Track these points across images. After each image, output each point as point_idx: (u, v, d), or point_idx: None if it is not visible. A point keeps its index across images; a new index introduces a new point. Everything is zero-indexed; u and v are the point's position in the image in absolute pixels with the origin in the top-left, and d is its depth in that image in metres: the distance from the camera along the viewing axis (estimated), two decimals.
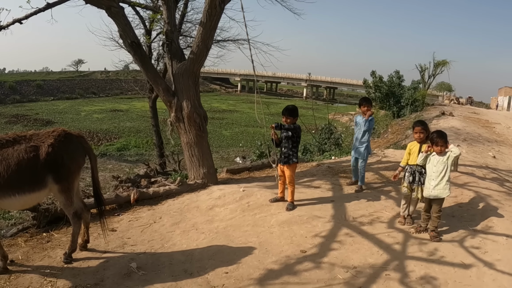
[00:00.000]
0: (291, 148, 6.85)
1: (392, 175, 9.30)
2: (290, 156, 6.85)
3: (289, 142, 6.84)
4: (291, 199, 6.91)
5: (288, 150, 6.85)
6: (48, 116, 47.76)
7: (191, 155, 8.42)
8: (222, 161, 28.57)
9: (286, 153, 6.86)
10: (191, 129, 8.19)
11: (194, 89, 8.23)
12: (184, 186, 8.17)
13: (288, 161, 6.87)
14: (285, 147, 6.87)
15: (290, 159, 6.87)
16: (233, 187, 8.09)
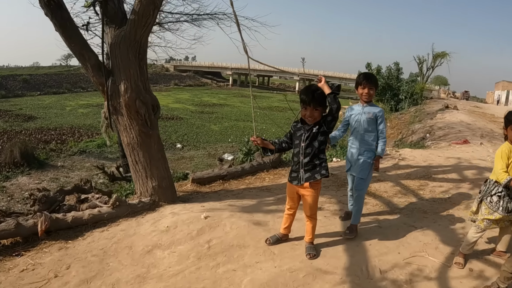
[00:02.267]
0: (317, 153, 3.87)
1: (418, 186, 6.84)
2: (317, 167, 3.89)
3: (314, 144, 3.85)
4: (311, 238, 4.17)
5: (313, 158, 3.87)
6: (32, 111, 44.81)
7: (134, 161, 5.68)
8: (209, 158, 25.83)
9: (309, 163, 3.87)
10: (133, 124, 5.44)
11: (138, 65, 5.46)
12: (122, 208, 5.42)
13: (312, 176, 3.88)
14: (305, 154, 3.86)
15: (317, 172, 3.89)
16: (194, 209, 5.35)
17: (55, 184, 19.50)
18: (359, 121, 4.45)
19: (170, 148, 27.91)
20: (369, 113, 4.42)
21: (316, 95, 3.75)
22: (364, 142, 4.45)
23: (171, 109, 44.22)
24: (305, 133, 3.86)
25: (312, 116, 3.79)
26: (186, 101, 52.43)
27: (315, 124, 3.84)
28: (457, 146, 10.71)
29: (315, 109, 3.76)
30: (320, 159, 3.90)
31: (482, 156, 9.16)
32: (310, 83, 4.27)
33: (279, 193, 6.29)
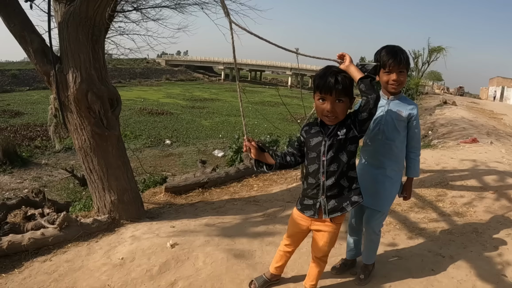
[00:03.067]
0: (345, 170, 2.61)
1: (436, 196, 5.52)
2: (345, 192, 2.63)
3: (341, 157, 2.58)
4: (314, 285, 2.94)
5: (340, 178, 2.60)
6: (19, 107, 43.27)
7: (88, 169, 4.49)
8: (199, 154, 24.66)
9: (335, 186, 2.60)
10: (84, 124, 4.25)
11: (91, 49, 4.27)
12: (72, 230, 4.24)
13: (339, 206, 2.62)
14: (328, 173, 2.59)
15: (345, 200, 2.63)
16: (160, 231, 4.18)
17: (38, 183, 18.30)
18: (382, 123, 2.94)
19: (159, 145, 26.72)
20: (398, 112, 2.93)
21: (341, 79, 2.44)
22: (388, 156, 2.97)
23: (161, 104, 42.87)
24: (325, 140, 2.54)
25: (333, 112, 2.46)
26: (177, 96, 51.03)
27: (340, 126, 2.54)
28: (466, 145, 9.66)
29: (338, 101, 2.45)
30: (350, 179, 2.61)
31: (497, 157, 8.11)
32: (303, 78, 2.98)
33: (269, 206, 5.13)
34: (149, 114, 35.79)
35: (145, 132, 29.36)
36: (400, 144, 2.98)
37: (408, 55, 2.96)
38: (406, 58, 2.89)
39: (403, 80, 2.89)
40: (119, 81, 63.21)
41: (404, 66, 2.86)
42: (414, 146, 3.03)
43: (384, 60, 2.84)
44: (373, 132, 3.01)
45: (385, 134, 2.94)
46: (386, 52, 2.85)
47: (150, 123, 32.19)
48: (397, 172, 3.04)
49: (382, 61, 2.84)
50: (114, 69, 70.17)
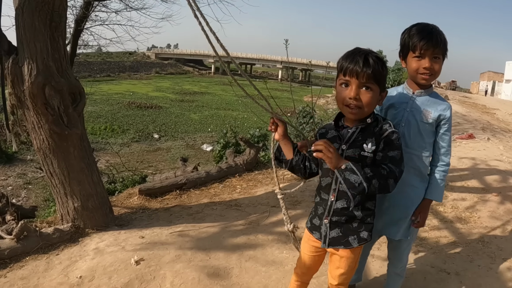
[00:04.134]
0: (363, 198, 2.05)
1: (453, 206, 4.86)
2: (354, 223, 2.09)
3: (359, 173, 1.86)
4: None
5: (354, 206, 2.05)
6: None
7: (49, 172, 3.99)
8: (188, 148, 24.20)
9: (344, 212, 2.06)
10: (41, 122, 3.74)
11: (49, 38, 3.75)
12: (31, 241, 3.75)
13: (344, 237, 2.10)
14: (339, 194, 2.05)
15: (353, 233, 2.10)
16: (127, 243, 3.71)
17: (22, 180, 17.74)
18: (402, 125, 2.31)
19: (147, 139, 26.17)
20: (425, 112, 2.29)
21: (372, 61, 1.89)
22: (412, 168, 2.32)
23: (150, 97, 42.14)
24: (342, 149, 2.02)
25: (357, 100, 1.91)
26: (167, 90, 50.27)
27: (365, 135, 1.99)
28: (463, 141, 9.28)
29: (365, 87, 1.91)
30: (366, 210, 2.08)
31: (496, 155, 7.74)
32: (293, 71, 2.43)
33: (251, 212, 4.67)
34: (137, 108, 35.15)
35: (133, 126, 28.77)
36: (424, 153, 2.33)
37: (446, 39, 2.23)
38: (444, 40, 2.20)
39: (438, 69, 2.22)
40: (108, 75, 62.33)
41: (440, 51, 2.18)
42: (441, 159, 2.34)
43: (414, 41, 2.17)
44: None
45: (405, 140, 2.28)
46: (418, 31, 2.18)
47: (139, 117, 31.56)
48: (420, 188, 2.39)
49: (412, 42, 2.19)
50: (103, 62, 69.21)
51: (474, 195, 5.21)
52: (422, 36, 2.15)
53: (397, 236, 2.41)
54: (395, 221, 2.39)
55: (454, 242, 3.97)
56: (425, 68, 2.18)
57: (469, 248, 3.82)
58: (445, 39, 2.21)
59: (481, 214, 4.66)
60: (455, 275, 3.30)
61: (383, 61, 1.94)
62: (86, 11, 8.26)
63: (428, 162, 2.36)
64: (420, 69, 2.20)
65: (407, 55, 2.25)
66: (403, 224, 2.39)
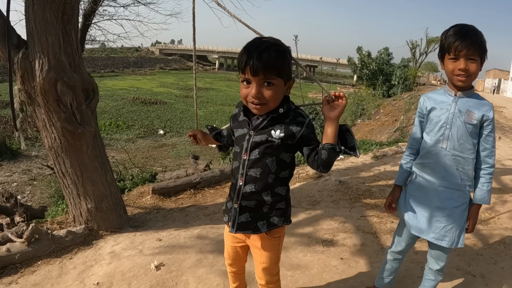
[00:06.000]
0: (272, 182, 1.93)
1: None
2: (264, 209, 1.97)
3: (267, 161, 1.89)
4: None
5: (263, 190, 1.93)
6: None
7: (61, 172, 3.80)
8: (192, 145, 23.96)
9: (252, 196, 1.95)
10: (53, 119, 3.55)
11: (61, 31, 3.54)
12: (43, 244, 3.58)
13: (252, 223, 1.99)
14: (247, 178, 1.94)
15: (262, 218, 1.98)
16: (144, 246, 3.52)
17: (27, 176, 17.58)
18: (447, 127, 2.20)
19: (152, 135, 26.00)
20: (469, 113, 2.17)
21: (269, 54, 1.73)
22: (453, 172, 2.23)
23: (154, 93, 41.97)
24: (250, 134, 1.92)
25: (261, 99, 1.79)
26: (171, 85, 50.05)
27: (275, 122, 1.88)
28: None
29: (268, 83, 1.77)
30: (276, 196, 1.97)
31: (509, 154, 7.56)
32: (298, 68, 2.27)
33: None
34: (142, 103, 34.97)
35: (138, 122, 28.59)
36: (470, 155, 2.21)
37: (484, 39, 2.12)
38: (480, 42, 2.08)
39: (474, 71, 2.10)
40: (112, 70, 62.13)
41: (476, 52, 2.07)
42: (486, 161, 2.22)
43: (449, 41, 2.10)
44: (435, 138, 2.25)
45: (452, 143, 2.19)
46: (454, 32, 2.11)
47: (143, 113, 31.38)
48: (464, 193, 2.26)
49: (447, 44, 2.12)
50: (107, 58, 69.08)
51: (492, 195, 5.04)
52: (457, 37, 2.08)
53: (440, 241, 2.29)
54: (445, 227, 2.28)
55: (476, 244, 3.87)
56: (460, 70, 2.09)
57: (492, 250, 3.74)
58: (482, 40, 2.10)
59: (501, 216, 4.58)
60: (480, 277, 3.19)
61: (282, 51, 1.79)
62: (95, 5, 8.06)
63: (473, 165, 2.23)
64: (456, 71, 2.12)
65: (444, 57, 2.17)
66: (446, 231, 2.27)
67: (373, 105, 24.27)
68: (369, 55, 29.34)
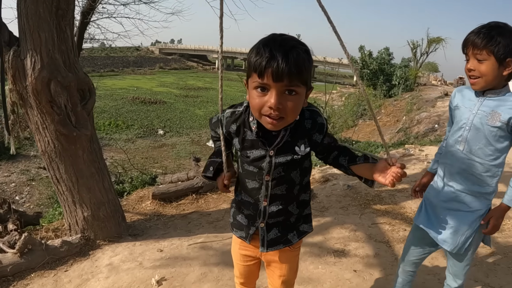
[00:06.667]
0: (297, 193, 1.73)
1: None
2: (291, 219, 1.77)
3: (292, 176, 1.67)
4: None
5: (288, 203, 1.73)
6: None
7: (55, 178, 3.55)
8: (193, 145, 23.79)
9: (279, 213, 1.72)
10: (46, 122, 3.29)
11: (55, 27, 3.29)
12: (36, 255, 3.34)
13: (283, 237, 1.78)
14: (272, 197, 1.68)
15: (293, 229, 1.79)
16: (144, 258, 3.27)
17: (25, 176, 17.33)
18: (466, 128, 1.99)
19: (151, 135, 25.75)
20: (493, 114, 1.91)
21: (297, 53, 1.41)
22: (467, 176, 2.02)
23: (154, 93, 41.68)
24: (271, 156, 1.62)
25: (280, 111, 1.44)
26: (171, 85, 49.78)
27: (296, 133, 1.61)
28: None
29: (289, 92, 1.44)
30: (302, 204, 1.79)
31: None
32: None
33: None
34: (142, 103, 34.70)
35: (138, 121, 28.34)
36: (490, 161, 1.95)
37: (507, 37, 1.82)
38: (493, 38, 1.80)
39: (484, 71, 1.84)
40: (111, 70, 61.85)
41: (487, 50, 1.80)
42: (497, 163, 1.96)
43: (468, 39, 1.89)
44: (454, 139, 2.05)
45: (468, 145, 1.98)
46: (473, 30, 1.89)
47: (143, 113, 31.11)
48: (483, 199, 2.03)
49: (467, 39, 1.90)
50: (107, 57, 68.73)
51: None
52: (470, 34, 1.89)
53: (456, 248, 2.06)
54: (450, 229, 2.08)
55: (492, 252, 3.64)
56: (468, 70, 1.91)
57: (508, 259, 3.52)
58: (498, 38, 1.81)
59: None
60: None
61: (309, 52, 1.48)
62: (93, 3, 7.79)
63: (495, 171, 1.99)
64: (466, 71, 1.93)
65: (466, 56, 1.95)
66: (459, 234, 2.05)
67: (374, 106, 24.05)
68: (370, 54, 29.14)
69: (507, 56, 1.80)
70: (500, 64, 1.82)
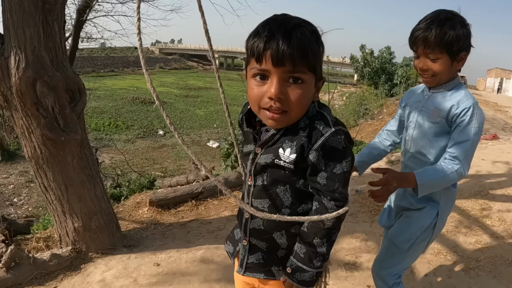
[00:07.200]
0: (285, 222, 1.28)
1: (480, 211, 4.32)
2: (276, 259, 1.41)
3: (279, 192, 1.32)
4: None
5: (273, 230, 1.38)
6: None
7: (43, 186, 3.27)
8: (193, 145, 23.52)
9: (262, 236, 1.40)
10: (32, 126, 3.02)
11: (42, 22, 3.02)
12: (23, 270, 3.08)
13: (262, 268, 1.44)
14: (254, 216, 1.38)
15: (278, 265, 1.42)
16: (139, 273, 3.00)
17: (24, 178, 17.07)
18: (412, 127, 1.91)
19: (151, 135, 25.51)
20: (434, 111, 1.79)
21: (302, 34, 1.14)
22: None
23: None
24: (256, 153, 1.36)
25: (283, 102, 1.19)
26: (171, 85, 49.53)
27: (287, 135, 1.28)
28: (489, 142, 8.53)
29: (294, 80, 1.18)
30: (293, 238, 1.38)
31: None
32: None
33: None
34: (142, 103, 34.43)
35: (138, 122, 28.09)
36: (434, 159, 1.82)
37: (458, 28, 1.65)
38: (445, 35, 1.64)
39: (437, 70, 1.71)
40: (112, 70, 61.65)
41: (440, 49, 1.66)
42: (451, 152, 1.71)
43: (412, 35, 1.75)
44: (403, 138, 1.99)
45: (415, 144, 1.90)
46: (419, 21, 1.73)
47: (143, 113, 30.84)
48: (429, 201, 1.88)
49: (411, 35, 1.76)
50: (107, 57, 68.47)
51: None
52: (418, 31, 1.71)
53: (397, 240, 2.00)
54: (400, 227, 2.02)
55: (511, 262, 3.35)
56: (420, 69, 1.78)
57: None
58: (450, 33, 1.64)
59: None
60: None
61: (317, 33, 1.22)
62: (89, 0, 7.53)
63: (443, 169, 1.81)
64: (417, 70, 1.81)
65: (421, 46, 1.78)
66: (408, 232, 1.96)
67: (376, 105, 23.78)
68: (372, 53, 28.88)
69: (460, 50, 1.67)
70: (453, 60, 1.70)
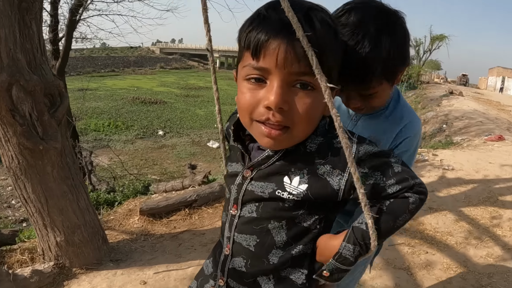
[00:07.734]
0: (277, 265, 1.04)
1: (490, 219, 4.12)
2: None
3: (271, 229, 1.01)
4: None
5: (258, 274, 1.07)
6: None
7: (23, 198, 3.04)
8: (193, 145, 23.28)
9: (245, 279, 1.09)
10: (8, 134, 2.79)
11: (18, 23, 2.78)
12: (3, 287, 2.87)
13: None
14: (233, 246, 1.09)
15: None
16: None
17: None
18: None
19: (151, 135, 25.25)
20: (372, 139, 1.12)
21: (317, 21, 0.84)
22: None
23: (155, 92, 41.20)
24: (243, 176, 1.04)
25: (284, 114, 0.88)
26: (171, 84, 49.29)
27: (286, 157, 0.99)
28: (495, 144, 8.28)
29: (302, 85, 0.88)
30: (286, 284, 1.05)
31: None
32: None
33: None
34: (142, 103, 34.21)
35: (138, 122, 27.84)
36: None
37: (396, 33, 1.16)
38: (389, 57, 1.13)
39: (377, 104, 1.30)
40: (112, 70, 61.48)
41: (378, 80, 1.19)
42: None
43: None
44: None
45: None
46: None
47: (143, 113, 30.60)
48: None
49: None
50: (107, 57, 68.34)
51: None
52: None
53: None
54: None
55: None
56: (353, 108, 1.35)
57: None
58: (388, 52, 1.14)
59: None
60: None
61: (333, 22, 0.92)
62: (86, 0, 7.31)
63: None
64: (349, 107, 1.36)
65: None
66: None
67: None
68: None
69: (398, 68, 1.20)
70: (393, 82, 1.23)
